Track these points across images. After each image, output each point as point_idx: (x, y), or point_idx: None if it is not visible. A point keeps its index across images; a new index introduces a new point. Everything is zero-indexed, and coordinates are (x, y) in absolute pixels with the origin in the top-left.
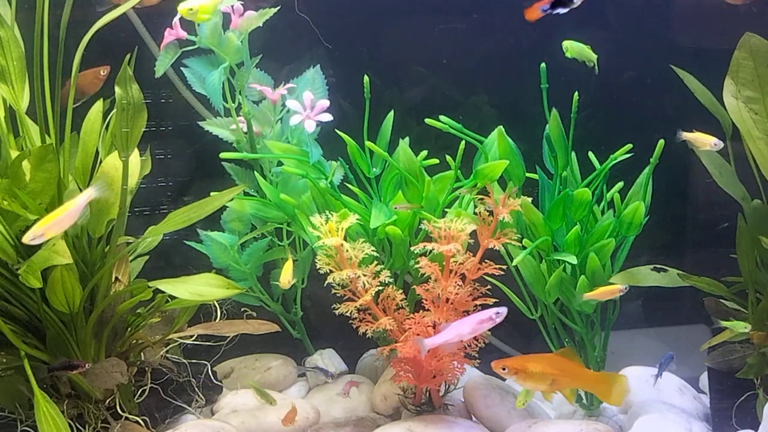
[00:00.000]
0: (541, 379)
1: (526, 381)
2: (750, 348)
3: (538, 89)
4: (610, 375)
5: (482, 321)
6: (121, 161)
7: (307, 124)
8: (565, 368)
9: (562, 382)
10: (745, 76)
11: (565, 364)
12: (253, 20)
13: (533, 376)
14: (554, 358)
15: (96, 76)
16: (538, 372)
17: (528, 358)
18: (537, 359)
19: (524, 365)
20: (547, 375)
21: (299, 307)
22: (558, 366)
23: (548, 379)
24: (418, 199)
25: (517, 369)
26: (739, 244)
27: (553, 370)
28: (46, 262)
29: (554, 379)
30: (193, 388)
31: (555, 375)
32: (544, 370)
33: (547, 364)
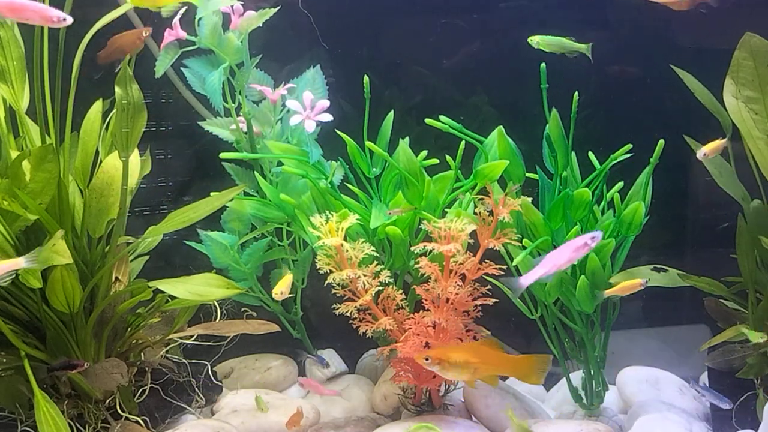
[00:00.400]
0: (464, 369)
1: (449, 371)
2: (750, 348)
3: (538, 89)
4: (530, 357)
5: (578, 248)
6: (121, 161)
7: (307, 124)
8: (486, 356)
9: (484, 370)
10: (745, 76)
11: (486, 353)
12: (253, 20)
13: (456, 365)
14: (476, 347)
15: (138, 37)
16: (460, 361)
17: (450, 348)
18: (459, 349)
19: (447, 355)
20: (469, 364)
21: (299, 307)
22: (480, 355)
23: (471, 368)
24: (418, 199)
25: (440, 359)
26: (739, 244)
27: (476, 358)
28: (46, 262)
29: (476, 368)
30: (193, 388)
31: (477, 363)
32: (466, 359)
33: (469, 353)
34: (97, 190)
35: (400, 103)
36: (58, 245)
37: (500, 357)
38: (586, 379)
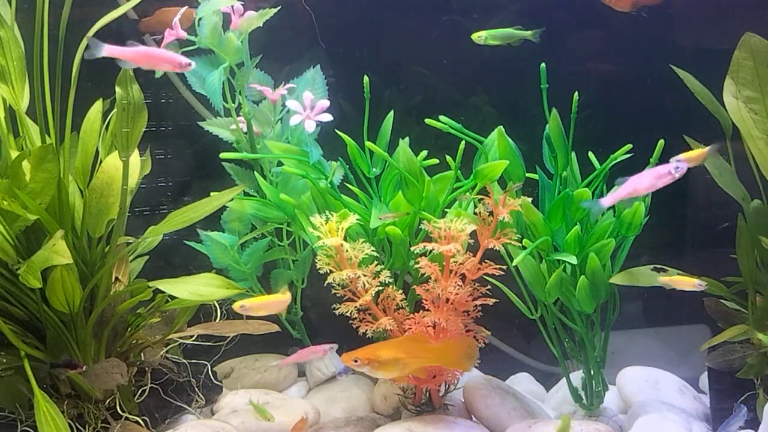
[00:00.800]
0: (393, 366)
1: (379, 370)
2: (750, 348)
3: (538, 89)
4: (456, 342)
5: (661, 176)
6: (121, 161)
7: (307, 124)
8: (413, 349)
9: (414, 363)
10: (745, 76)
11: (413, 346)
12: (253, 20)
13: (385, 364)
14: (402, 343)
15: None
16: (389, 359)
17: (377, 347)
18: (386, 347)
19: (375, 355)
20: (399, 360)
21: (299, 307)
22: (407, 349)
23: (401, 364)
24: (418, 199)
25: (369, 359)
26: (739, 244)
27: (404, 354)
28: (46, 262)
29: (406, 363)
30: (193, 388)
31: (406, 359)
32: (395, 356)
33: (397, 349)
34: (97, 190)
35: (400, 103)
36: (58, 245)
37: (427, 348)
38: (586, 379)
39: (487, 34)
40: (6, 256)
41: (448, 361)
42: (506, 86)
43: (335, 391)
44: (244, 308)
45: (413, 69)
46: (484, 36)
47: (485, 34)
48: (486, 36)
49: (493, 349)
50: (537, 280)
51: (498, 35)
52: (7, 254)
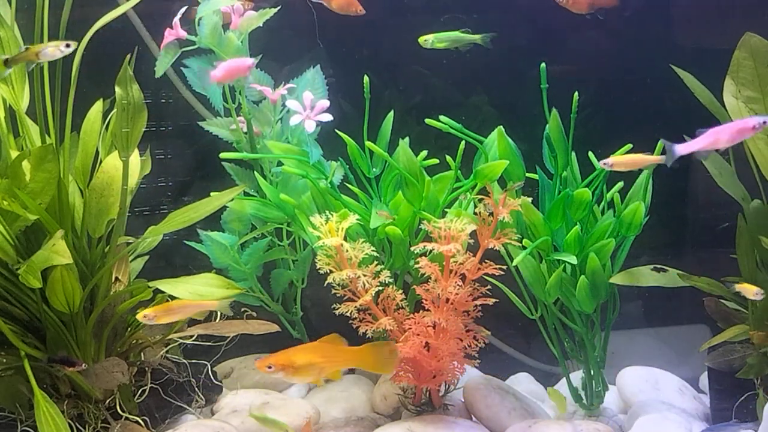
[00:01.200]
0: (309, 371)
1: (294, 375)
2: (750, 348)
3: (538, 89)
4: (374, 345)
5: (743, 130)
6: (121, 161)
7: (307, 124)
8: (330, 354)
9: (331, 367)
10: (745, 76)
11: (329, 350)
12: (253, 20)
13: (301, 368)
14: (318, 347)
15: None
16: (304, 364)
17: (292, 352)
18: (301, 351)
19: (290, 360)
20: (314, 365)
21: (299, 307)
22: (323, 353)
23: (317, 369)
24: (418, 199)
25: (284, 365)
26: (739, 244)
27: (320, 358)
28: (46, 262)
29: (322, 367)
30: (193, 388)
31: (322, 363)
32: (310, 360)
33: (312, 354)
34: (97, 190)
35: (400, 103)
36: (58, 245)
37: (344, 351)
38: (586, 379)
39: (433, 38)
40: (6, 256)
41: (368, 364)
42: (506, 86)
43: (335, 391)
44: (148, 317)
45: (413, 69)
46: (431, 39)
47: (432, 37)
48: (433, 39)
49: (494, 349)
50: (537, 280)
51: (445, 38)
52: (7, 254)
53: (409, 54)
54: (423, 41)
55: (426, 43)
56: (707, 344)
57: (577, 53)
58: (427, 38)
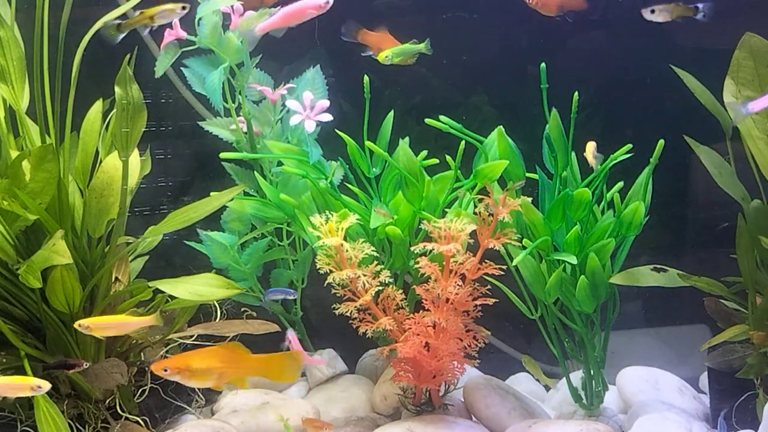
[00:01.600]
0: (206, 375)
1: (191, 379)
2: (750, 348)
3: (538, 89)
4: (279, 355)
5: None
6: (121, 161)
7: (307, 124)
8: (230, 359)
9: (232, 374)
10: (745, 76)
11: (230, 355)
12: (253, 20)
13: (198, 373)
14: (219, 351)
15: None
16: (203, 368)
17: (190, 355)
18: (199, 355)
19: (187, 364)
20: (213, 370)
21: (299, 307)
22: (224, 359)
23: (215, 374)
24: (418, 199)
25: (180, 368)
26: (739, 244)
27: (220, 363)
28: (46, 262)
29: (221, 373)
30: (193, 388)
31: (222, 368)
32: (209, 365)
33: (212, 358)
34: (97, 190)
35: (400, 103)
36: (58, 245)
37: (246, 359)
38: (586, 379)
39: (389, 53)
40: (6, 256)
41: (270, 373)
42: (506, 86)
43: (335, 391)
44: (82, 326)
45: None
46: (390, 55)
47: (389, 53)
48: (389, 55)
49: (493, 349)
50: (537, 280)
51: (397, 53)
52: (7, 254)
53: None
54: (383, 58)
55: (386, 60)
56: (707, 344)
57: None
58: (387, 54)
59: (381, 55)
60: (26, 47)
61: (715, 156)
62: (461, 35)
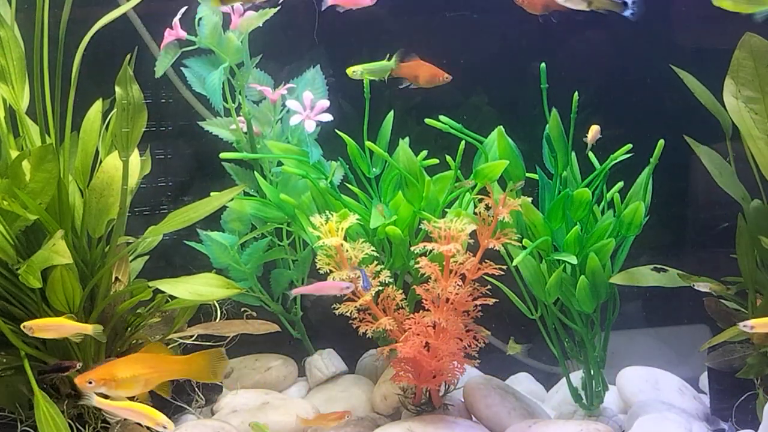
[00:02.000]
0: (133, 384)
1: (118, 389)
2: (750, 348)
3: (538, 89)
4: (201, 354)
5: None
6: (121, 161)
7: (307, 124)
8: (155, 364)
9: (157, 378)
10: (745, 76)
11: (153, 360)
12: (253, 20)
13: (124, 382)
14: (142, 358)
15: None
16: (128, 377)
17: (114, 365)
18: (123, 363)
19: (111, 374)
20: (139, 377)
21: (299, 307)
22: (148, 364)
23: (141, 381)
24: (418, 199)
25: (105, 379)
26: (739, 244)
27: (145, 369)
28: (46, 262)
29: (148, 379)
30: (193, 388)
31: (148, 374)
32: (134, 373)
33: (137, 365)
34: (97, 190)
35: (400, 103)
36: (58, 245)
37: (170, 361)
38: (586, 379)
39: (361, 69)
40: (6, 256)
41: (195, 373)
42: (506, 86)
43: (335, 391)
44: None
45: None
46: (358, 71)
47: (359, 68)
48: (361, 70)
49: (493, 349)
50: (537, 280)
51: (370, 69)
52: (7, 254)
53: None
54: (350, 72)
55: (355, 75)
56: (707, 344)
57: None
58: (356, 69)
59: (349, 69)
60: (26, 47)
61: (715, 156)
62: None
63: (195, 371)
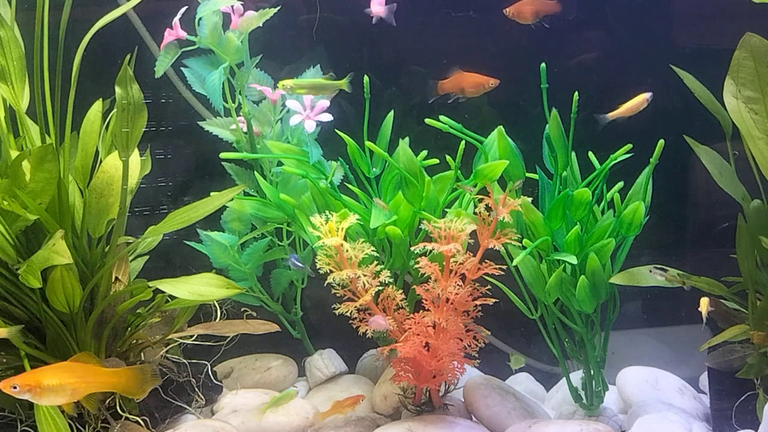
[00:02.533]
0: (59, 392)
1: (42, 397)
2: (750, 348)
3: (538, 89)
4: (132, 369)
5: None
6: (121, 161)
7: (307, 124)
8: (83, 375)
9: (85, 389)
10: (745, 76)
11: (82, 370)
12: (253, 20)
13: (50, 389)
14: (70, 366)
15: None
16: (55, 385)
17: (41, 372)
18: (51, 370)
19: (37, 380)
20: (66, 386)
21: (299, 307)
22: (75, 373)
23: (68, 390)
24: (418, 199)
25: (30, 385)
26: (739, 244)
27: (72, 378)
28: (46, 262)
29: (75, 388)
30: (193, 388)
31: (75, 383)
32: (60, 381)
33: (64, 373)
34: (97, 190)
35: (400, 103)
36: (58, 245)
37: (99, 373)
38: (586, 379)
39: (293, 83)
40: (6, 256)
41: (122, 388)
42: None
43: (335, 391)
44: None
45: (413, 69)
46: (289, 84)
47: (291, 83)
48: (292, 85)
49: (493, 349)
50: (537, 280)
51: (304, 85)
52: (7, 254)
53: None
54: (281, 86)
55: (285, 87)
56: (707, 344)
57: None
58: (286, 83)
59: (281, 83)
60: (26, 47)
61: (715, 156)
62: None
63: (123, 386)
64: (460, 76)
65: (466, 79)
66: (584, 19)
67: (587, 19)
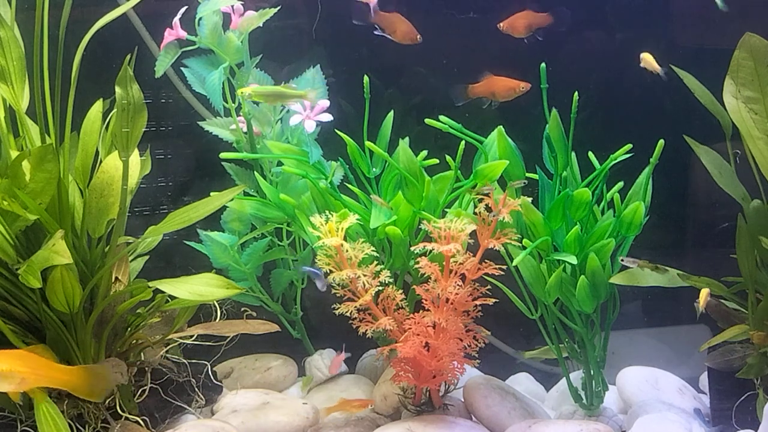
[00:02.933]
0: (8, 379)
1: None
2: (750, 348)
3: (538, 89)
4: (87, 368)
5: None
6: (121, 161)
7: (307, 124)
8: (35, 366)
9: (34, 381)
10: (745, 76)
11: (35, 362)
12: (253, 20)
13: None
14: (23, 355)
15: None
16: (3, 370)
17: None
18: (3, 355)
19: None
20: (14, 373)
21: (299, 307)
22: (27, 363)
23: (17, 379)
24: (418, 199)
25: None
26: (739, 244)
27: (23, 368)
28: (46, 262)
29: (24, 378)
30: (193, 388)
31: (25, 373)
32: (11, 368)
33: (15, 361)
34: (97, 190)
35: (400, 103)
36: (58, 245)
37: (53, 368)
38: (586, 379)
39: (251, 91)
40: (6, 256)
41: (74, 387)
42: None
43: (335, 391)
44: None
45: (413, 69)
46: (248, 92)
47: (249, 90)
48: (251, 93)
49: (493, 349)
50: (537, 280)
51: (264, 93)
52: (7, 254)
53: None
54: (240, 93)
55: (243, 95)
56: (707, 344)
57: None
58: (244, 91)
59: (239, 90)
60: (26, 47)
61: (715, 156)
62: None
63: (74, 385)
64: (492, 80)
65: (497, 83)
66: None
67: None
